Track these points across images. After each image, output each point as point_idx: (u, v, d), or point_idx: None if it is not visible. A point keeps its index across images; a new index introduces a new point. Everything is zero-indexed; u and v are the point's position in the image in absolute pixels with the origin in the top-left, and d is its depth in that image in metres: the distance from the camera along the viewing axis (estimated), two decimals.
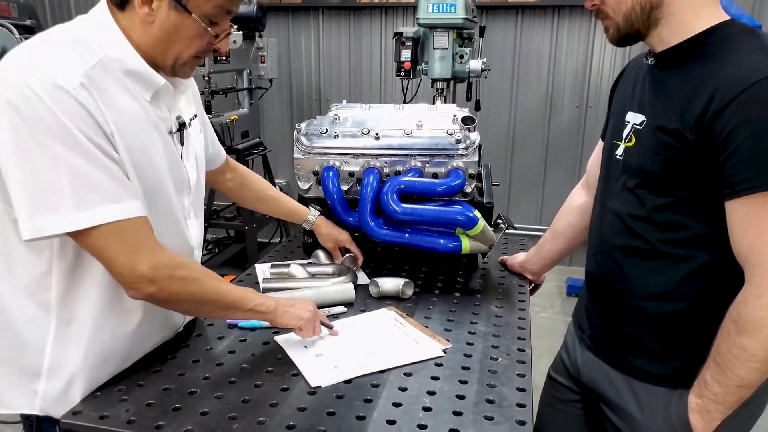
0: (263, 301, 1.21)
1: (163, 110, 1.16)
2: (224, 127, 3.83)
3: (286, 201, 1.72)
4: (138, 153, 1.07)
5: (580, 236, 1.61)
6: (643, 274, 1.19)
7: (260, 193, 1.69)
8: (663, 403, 1.19)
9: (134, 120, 1.07)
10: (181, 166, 1.20)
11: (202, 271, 1.15)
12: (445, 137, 1.69)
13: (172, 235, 1.19)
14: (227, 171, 1.63)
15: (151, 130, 1.11)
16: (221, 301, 1.16)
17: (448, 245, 1.61)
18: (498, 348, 1.32)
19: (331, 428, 1.03)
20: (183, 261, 1.12)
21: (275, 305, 1.22)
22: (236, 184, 1.65)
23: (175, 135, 1.19)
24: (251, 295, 1.20)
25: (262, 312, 1.21)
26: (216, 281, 1.15)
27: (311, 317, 1.27)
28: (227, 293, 1.16)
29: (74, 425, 1.04)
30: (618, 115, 1.29)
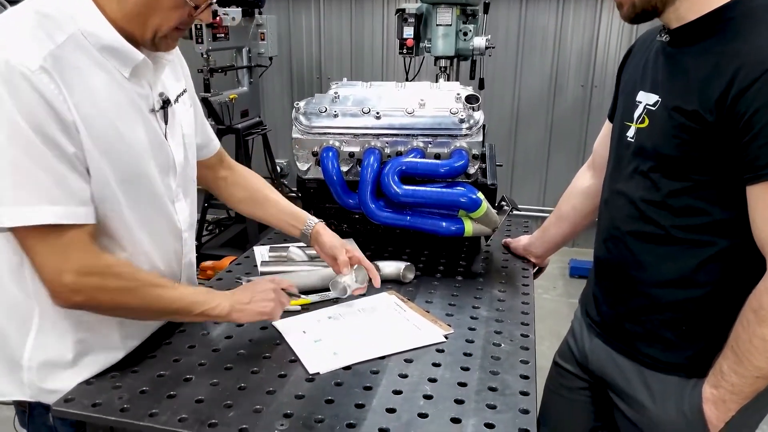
0: (216, 305, 1.12)
1: (144, 87, 1.09)
2: (223, 106, 3.78)
3: (285, 204, 1.47)
4: (111, 137, 1.01)
5: (585, 220, 1.57)
6: (656, 260, 1.15)
7: (256, 192, 1.46)
8: (675, 392, 1.16)
9: (109, 101, 1.01)
10: (165, 147, 1.14)
11: (142, 279, 1.06)
12: (448, 116, 1.64)
13: (158, 219, 1.14)
14: (221, 168, 1.46)
15: (130, 110, 1.06)
16: (163, 309, 1.09)
17: (451, 228, 1.58)
18: (501, 333, 1.29)
19: (330, 417, 1.00)
20: (118, 271, 1.03)
21: (228, 308, 1.13)
22: (231, 183, 1.46)
23: (159, 113, 1.12)
24: (202, 298, 1.12)
25: (214, 315, 1.13)
26: (157, 289, 1.07)
27: (273, 298, 1.19)
28: (169, 301, 1.08)
29: (66, 413, 1.02)
30: (628, 94, 1.24)
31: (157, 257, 1.14)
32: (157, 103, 1.12)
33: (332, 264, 1.38)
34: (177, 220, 1.19)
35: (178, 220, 1.20)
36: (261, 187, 1.47)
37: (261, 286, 1.20)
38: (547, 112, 4.39)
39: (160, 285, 1.08)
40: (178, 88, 1.22)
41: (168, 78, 1.19)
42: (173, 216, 1.18)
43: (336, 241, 1.39)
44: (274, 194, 1.47)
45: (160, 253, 1.15)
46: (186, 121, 1.23)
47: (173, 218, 1.18)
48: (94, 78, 0.99)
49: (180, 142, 1.19)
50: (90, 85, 0.98)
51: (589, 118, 4.32)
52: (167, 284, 1.09)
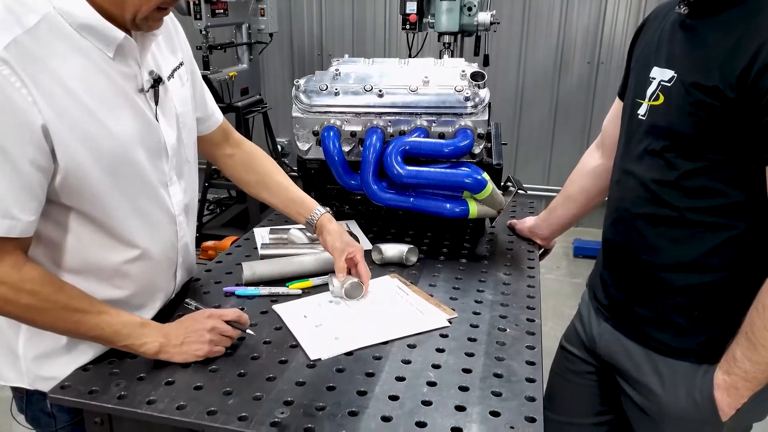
0: (142, 342, 1.04)
1: (131, 66, 1.03)
2: (223, 83, 3.72)
3: (294, 189, 1.40)
4: (91, 127, 0.95)
5: (593, 201, 1.53)
6: (668, 243, 1.12)
7: (265, 176, 1.39)
8: (686, 378, 1.13)
9: (88, 87, 0.95)
10: (155, 129, 1.08)
11: (59, 301, 0.97)
12: (453, 94, 1.59)
13: (150, 205, 1.09)
14: (226, 145, 1.39)
15: (113, 94, 1.00)
16: (80, 335, 1.03)
17: (455, 210, 1.54)
18: (506, 318, 1.26)
19: (331, 404, 0.98)
20: (32, 288, 0.94)
21: (157, 348, 1.04)
22: (238, 162, 1.39)
23: (148, 93, 1.07)
24: (128, 330, 1.03)
25: (141, 352, 1.05)
26: (76, 315, 0.98)
27: (206, 349, 1.07)
28: (87, 329, 1.00)
29: (62, 400, 1.00)
30: (640, 70, 1.19)
31: (151, 244, 1.10)
32: (147, 83, 1.06)
33: (337, 260, 1.31)
34: (170, 204, 1.14)
35: (172, 205, 1.15)
36: (269, 170, 1.41)
37: (196, 325, 1.08)
38: (553, 89, 4.32)
39: (80, 310, 0.99)
40: (173, 62, 1.16)
41: (162, 52, 1.13)
42: (166, 201, 1.13)
43: (338, 243, 1.32)
44: (283, 178, 1.41)
45: (154, 240, 1.11)
46: (181, 99, 1.17)
47: (166, 203, 1.13)
48: (70, 63, 0.93)
49: (173, 123, 1.14)
50: (65, 72, 0.92)
51: (595, 96, 4.25)
52: (91, 309, 1.00)
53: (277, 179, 1.40)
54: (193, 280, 1.40)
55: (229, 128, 1.42)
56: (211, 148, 1.39)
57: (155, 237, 1.12)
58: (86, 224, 1.01)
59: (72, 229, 1.00)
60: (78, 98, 0.93)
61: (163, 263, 1.15)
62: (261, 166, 1.41)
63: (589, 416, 1.41)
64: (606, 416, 1.39)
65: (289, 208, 1.39)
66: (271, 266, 1.40)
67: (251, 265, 1.39)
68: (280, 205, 1.39)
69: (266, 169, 1.41)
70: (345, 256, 1.30)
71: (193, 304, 1.21)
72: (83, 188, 0.97)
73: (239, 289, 1.34)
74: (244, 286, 1.36)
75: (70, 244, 1.01)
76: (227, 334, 1.10)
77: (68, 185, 0.95)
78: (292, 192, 1.39)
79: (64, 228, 1.00)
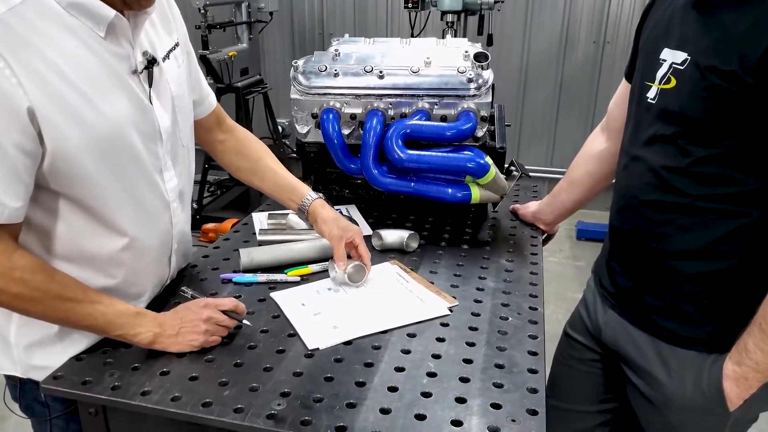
0: (136, 332, 1.02)
1: (124, 47, 0.99)
2: (222, 63, 3.67)
3: (285, 174, 1.36)
4: (83, 110, 0.92)
5: (598, 185, 1.50)
6: (677, 231, 1.08)
7: (256, 161, 1.36)
8: (694, 368, 1.11)
9: (78, 68, 0.91)
10: (148, 112, 1.04)
11: (51, 290, 0.94)
12: (456, 76, 1.55)
13: (143, 191, 1.06)
14: (218, 130, 1.36)
15: (105, 75, 0.96)
16: (72, 324, 1.00)
17: (457, 195, 1.51)
18: (508, 306, 1.23)
19: (329, 395, 0.96)
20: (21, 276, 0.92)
21: (151, 338, 1.02)
22: (229, 148, 1.36)
23: (142, 75, 1.03)
24: (122, 320, 1.01)
25: (135, 342, 1.03)
26: (67, 304, 0.96)
27: (201, 339, 1.05)
28: (79, 318, 0.98)
29: (55, 391, 0.98)
30: (649, 52, 1.15)
31: (144, 231, 1.07)
32: (140, 64, 1.02)
33: (336, 247, 1.28)
34: (164, 190, 1.11)
35: (166, 191, 1.11)
36: (261, 155, 1.37)
37: (191, 315, 1.06)
38: (557, 69, 4.25)
39: (72, 299, 0.96)
40: (168, 43, 1.12)
41: (156, 32, 1.09)
42: (160, 186, 1.10)
43: (335, 230, 1.28)
44: (274, 163, 1.37)
45: (148, 227, 1.08)
46: (176, 81, 1.13)
47: (160, 189, 1.10)
48: (59, 43, 0.89)
49: (168, 106, 1.10)
50: (54, 52, 0.88)
51: (600, 77, 4.19)
52: (84, 299, 0.97)
53: (267, 164, 1.36)
54: (190, 266, 1.37)
55: (222, 114, 1.38)
56: (204, 134, 1.35)
57: (149, 224, 1.09)
58: (77, 211, 0.98)
59: (63, 216, 0.98)
60: (68, 79, 0.90)
61: (157, 250, 1.13)
62: (252, 152, 1.37)
63: (593, 404, 1.39)
64: (610, 404, 1.37)
65: (280, 194, 1.35)
66: (269, 253, 1.37)
67: (249, 251, 1.36)
68: (271, 191, 1.36)
69: (257, 155, 1.37)
70: (344, 242, 1.28)
71: (189, 292, 1.19)
72: (73, 173, 0.94)
73: (237, 276, 1.32)
74: (241, 272, 1.34)
75: (61, 231, 0.99)
76: (223, 324, 1.08)
77: (57, 170, 0.92)
78: (283, 177, 1.35)
79: (54, 214, 0.97)
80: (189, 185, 1.24)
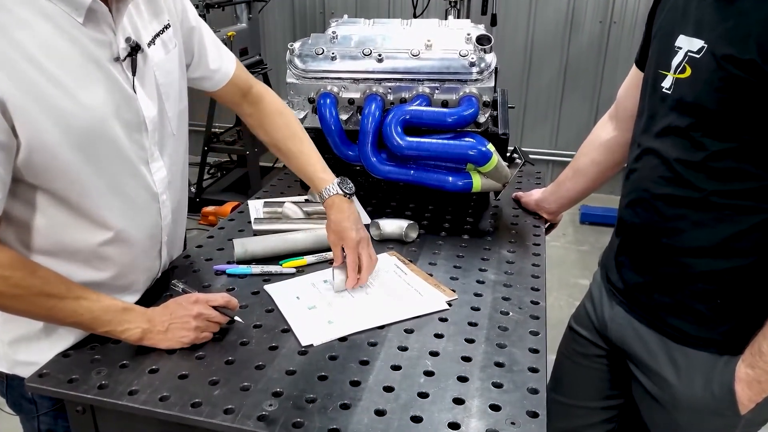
0: (125, 328, 0.98)
1: (106, 33, 0.94)
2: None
3: (305, 159, 1.29)
4: (56, 98, 0.87)
5: (604, 175, 1.45)
6: (690, 226, 1.04)
7: (279, 142, 1.30)
8: (704, 369, 1.07)
9: (55, 58, 0.86)
10: (132, 102, 0.99)
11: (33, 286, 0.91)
12: (457, 59, 1.49)
13: (129, 183, 1.02)
14: (245, 103, 1.30)
15: (84, 63, 0.91)
16: (58, 321, 0.97)
17: (458, 183, 1.46)
18: (509, 300, 1.20)
19: (322, 395, 0.92)
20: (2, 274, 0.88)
21: (140, 335, 0.99)
22: (256, 124, 1.32)
23: (125, 62, 0.98)
24: (109, 316, 0.97)
25: (123, 339, 1.00)
26: (51, 301, 0.92)
27: (192, 336, 1.02)
28: (64, 315, 0.94)
29: (40, 389, 0.95)
30: (663, 38, 1.09)
31: (130, 224, 1.03)
32: (123, 51, 0.97)
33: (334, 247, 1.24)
34: (152, 182, 1.06)
35: (154, 182, 1.07)
36: (284, 135, 1.30)
37: (181, 311, 1.02)
38: (562, 50, 4.16)
39: (55, 295, 0.93)
40: (155, 27, 1.06)
41: (141, 16, 1.03)
42: (147, 178, 1.05)
43: (331, 236, 1.23)
44: (296, 145, 1.29)
45: (134, 220, 1.04)
46: (164, 68, 1.08)
47: (147, 180, 1.05)
48: (34, 30, 0.84)
49: (153, 94, 1.05)
50: (29, 40, 0.83)
51: (606, 58, 4.10)
52: (68, 295, 0.94)
53: (289, 147, 1.30)
54: (183, 257, 1.34)
55: (247, 84, 1.29)
56: (233, 107, 1.31)
57: (136, 217, 1.05)
58: (57, 204, 0.94)
59: (42, 210, 0.94)
60: (43, 68, 0.85)
61: (146, 243, 1.09)
62: (276, 132, 1.30)
63: (597, 400, 1.36)
64: (614, 400, 1.34)
65: (305, 179, 1.30)
66: (263, 243, 1.33)
67: (243, 242, 1.32)
68: (298, 174, 1.32)
69: (282, 134, 1.30)
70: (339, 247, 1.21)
71: (180, 286, 1.15)
72: (50, 166, 0.89)
73: (230, 268, 1.28)
74: (235, 263, 1.30)
75: (41, 225, 0.95)
76: (214, 320, 1.04)
77: (33, 163, 0.88)
78: (303, 165, 1.29)
79: (33, 208, 0.93)
80: (182, 175, 1.20)
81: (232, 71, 1.26)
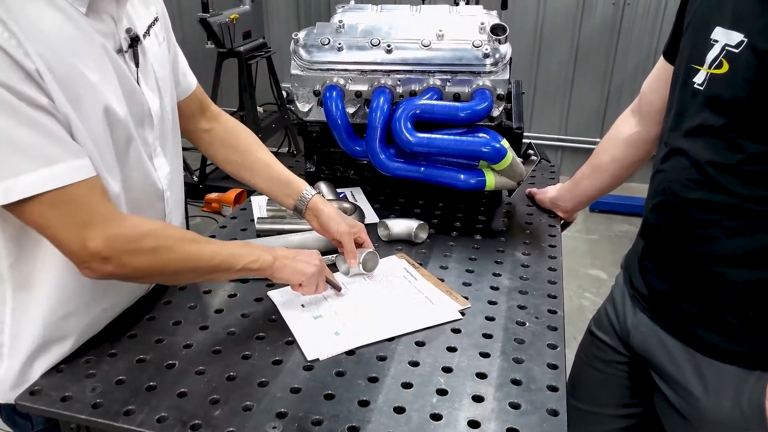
0: (257, 257, 1.01)
1: (108, 23, 0.90)
2: (223, 27, 3.50)
3: (279, 168, 1.24)
4: (77, 86, 0.83)
5: (625, 172, 1.38)
6: (723, 233, 0.97)
7: (247, 154, 1.23)
8: (733, 384, 1.02)
9: (67, 44, 0.82)
10: (138, 95, 0.96)
11: (176, 236, 0.94)
12: (470, 50, 1.41)
13: (137, 180, 0.98)
14: (202, 118, 1.23)
15: (94, 53, 0.86)
16: (203, 266, 0.96)
17: (470, 181, 1.40)
18: (525, 309, 1.14)
19: (329, 417, 0.87)
20: (149, 229, 0.91)
21: (272, 260, 1.02)
22: (216, 138, 1.23)
23: (127, 53, 0.93)
24: (241, 251, 1.01)
25: (256, 269, 1.01)
26: (195, 245, 0.95)
27: (315, 271, 1.06)
28: (209, 256, 0.96)
29: (31, 408, 0.90)
30: (697, 30, 1.01)
31: None
32: (125, 42, 0.93)
33: (337, 246, 1.21)
34: (157, 178, 1.03)
35: (158, 179, 1.03)
36: (250, 147, 1.24)
37: (306, 255, 1.08)
38: (573, 32, 4.05)
39: (196, 239, 0.97)
40: (148, 18, 1.02)
41: (134, 6, 0.98)
42: (153, 174, 1.02)
43: (343, 226, 1.18)
44: (265, 156, 1.24)
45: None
46: (159, 60, 1.03)
47: (153, 177, 1.02)
48: (46, 17, 0.80)
49: (154, 87, 1.01)
50: (44, 25, 0.79)
51: (618, 41, 3.98)
52: (201, 239, 0.98)
53: (258, 157, 1.23)
54: None
55: (206, 99, 1.25)
56: (186, 122, 1.21)
57: (143, 215, 1.00)
58: None
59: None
60: (61, 53, 0.81)
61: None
62: (241, 143, 1.24)
63: (616, 407, 1.31)
64: (634, 408, 1.29)
65: (274, 190, 1.23)
66: (267, 245, 1.27)
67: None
68: (263, 186, 1.24)
69: (247, 146, 1.24)
70: (353, 238, 1.19)
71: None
72: None
73: None
74: None
75: None
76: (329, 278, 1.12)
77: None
78: (277, 171, 1.23)
79: None
80: (180, 172, 1.15)
81: (195, 83, 1.22)
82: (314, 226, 1.23)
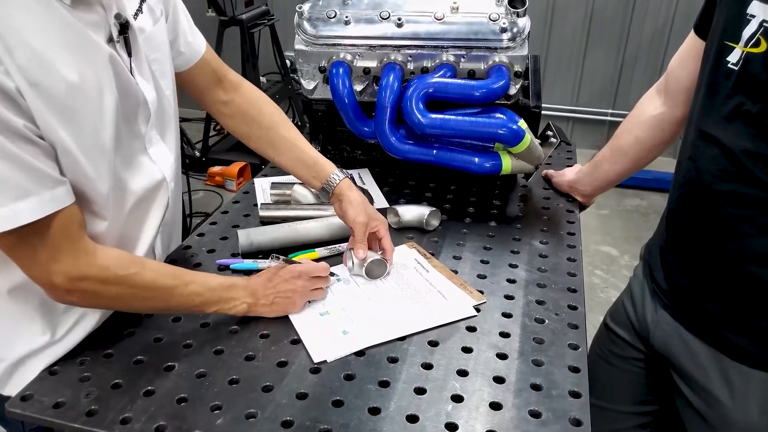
0: (233, 305, 0.98)
1: (98, 11, 0.82)
2: None
3: (305, 147, 1.16)
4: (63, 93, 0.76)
5: (648, 155, 1.30)
6: (757, 230, 0.90)
7: (270, 130, 1.15)
8: (763, 391, 0.96)
9: (54, 43, 0.75)
10: (131, 85, 0.89)
11: (147, 283, 0.89)
12: (486, 24, 1.32)
13: (129, 176, 0.92)
14: (219, 89, 1.14)
15: (83, 48, 0.79)
16: (172, 309, 0.98)
17: (485, 165, 1.32)
18: (544, 304, 1.07)
19: (337, 426, 0.82)
20: (116, 276, 0.85)
21: (246, 308, 0.99)
22: (236, 111, 1.15)
23: (118, 42, 0.86)
24: (218, 296, 0.96)
25: (231, 314, 0.99)
26: (166, 291, 0.91)
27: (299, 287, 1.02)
28: (179, 303, 0.94)
29: (22, 416, 0.85)
30: (733, 4, 0.92)
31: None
32: (115, 29, 0.85)
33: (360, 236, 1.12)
34: (154, 170, 0.98)
35: (156, 170, 0.98)
36: (275, 122, 1.16)
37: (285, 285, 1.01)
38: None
39: (169, 287, 0.92)
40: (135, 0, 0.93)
41: None
42: (149, 167, 0.97)
43: (361, 216, 1.10)
44: (290, 133, 1.16)
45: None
46: (154, 42, 0.95)
47: (150, 170, 0.97)
48: (31, 14, 0.73)
49: (148, 74, 0.94)
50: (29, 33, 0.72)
51: (634, 7, 3.82)
52: (178, 283, 0.92)
53: (282, 134, 1.16)
54: (183, 248, 1.22)
55: (223, 67, 1.16)
56: (202, 94, 1.14)
57: (145, 212, 0.97)
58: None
59: None
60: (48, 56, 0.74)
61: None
62: (264, 117, 1.16)
63: (631, 404, 1.26)
64: (650, 406, 1.24)
65: (299, 171, 1.16)
66: (270, 235, 1.21)
67: (248, 233, 1.20)
68: (288, 165, 1.17)
69: (271, 122, 1.16)
70: (368, 230, 1.11)
71: (281, 258, 1.11)
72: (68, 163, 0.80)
73: (234, 262, 1.16)
74: (240, 256, 1.19)
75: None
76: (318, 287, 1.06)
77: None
78: (303, 151, 1.16)
79: None
80: (178, 159, 1.08)
81: (203, 49, 1.12)
82: (336, 210, 1.17)
